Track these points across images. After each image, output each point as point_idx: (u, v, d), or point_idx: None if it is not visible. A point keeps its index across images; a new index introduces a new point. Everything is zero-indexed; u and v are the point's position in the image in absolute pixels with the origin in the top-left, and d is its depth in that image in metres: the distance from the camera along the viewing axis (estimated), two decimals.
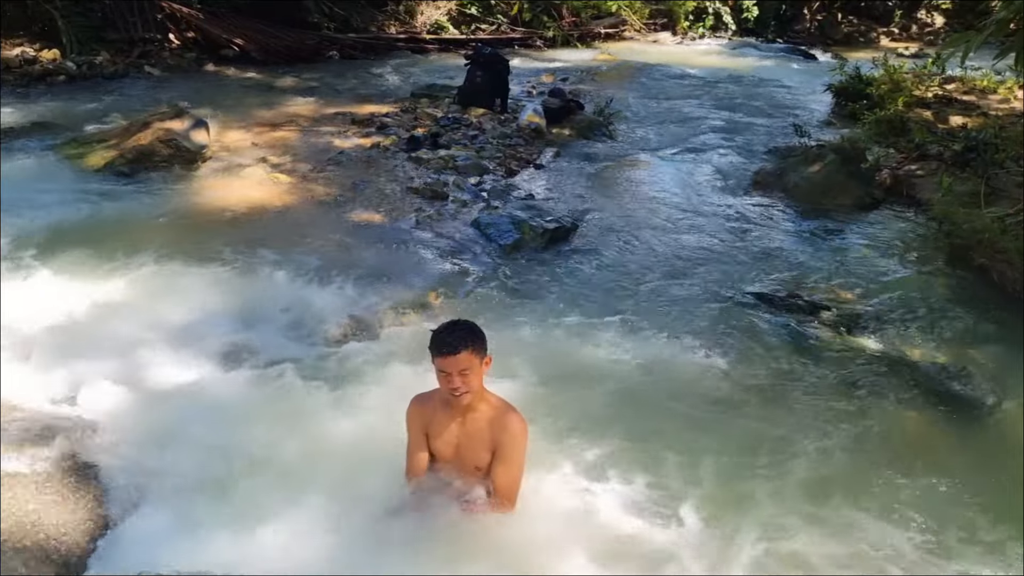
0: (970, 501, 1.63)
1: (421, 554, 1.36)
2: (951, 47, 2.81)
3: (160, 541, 1.41)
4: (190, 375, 1.95)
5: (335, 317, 2.29)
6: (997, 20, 2.36)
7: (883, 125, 4.26)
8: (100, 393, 1.83)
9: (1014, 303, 2.52)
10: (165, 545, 1.40)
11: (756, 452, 1.78)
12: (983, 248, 2.73)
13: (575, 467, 1.64)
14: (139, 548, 1.40)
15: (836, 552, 1.47)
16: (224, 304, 2.32)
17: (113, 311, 2.20)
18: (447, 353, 1.32)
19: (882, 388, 2.06)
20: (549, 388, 1.85)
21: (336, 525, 1.45)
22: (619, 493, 1.59)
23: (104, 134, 3.79)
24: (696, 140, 4.57)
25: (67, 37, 5.32)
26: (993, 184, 3.18)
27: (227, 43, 6.09)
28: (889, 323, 2.41)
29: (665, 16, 9.11)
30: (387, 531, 1.42)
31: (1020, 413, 1.95)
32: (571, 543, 1.44)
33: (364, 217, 3.19)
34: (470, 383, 1.35)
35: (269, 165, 3.73)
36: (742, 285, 2.69)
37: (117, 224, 2.89)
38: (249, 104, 4.84)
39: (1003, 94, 4.79)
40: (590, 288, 2.64)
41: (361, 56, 6.62)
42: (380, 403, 1.78)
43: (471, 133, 4.40)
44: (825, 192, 3.52)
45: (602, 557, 1.42)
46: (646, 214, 3.39)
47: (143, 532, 1.45)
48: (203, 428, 1.71)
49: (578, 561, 1.40)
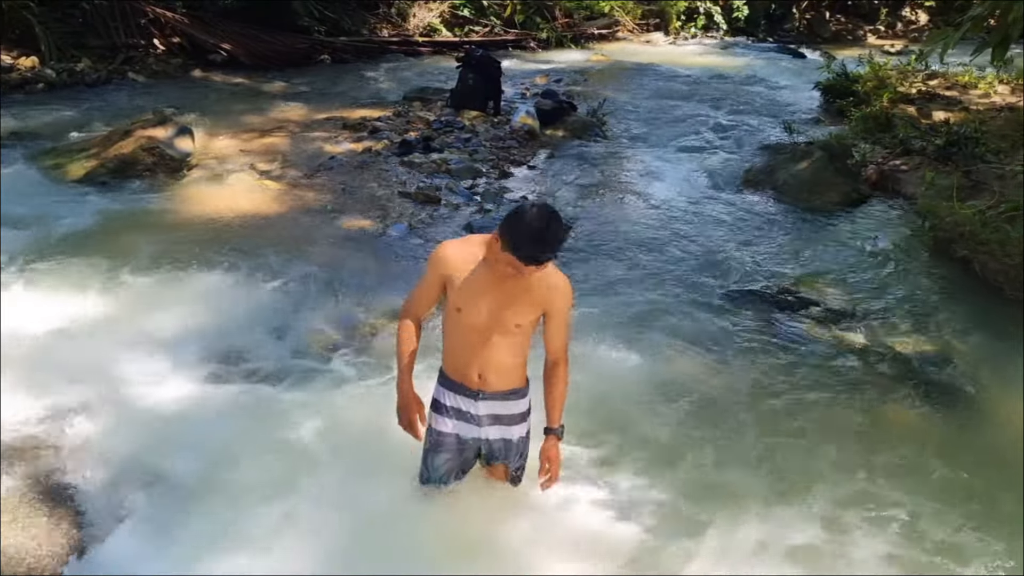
0: (955, 490, 1.66)
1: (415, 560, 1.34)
2: (931, 44, 2.88)
3: (138, 563, 1.38)
4: (173, 390, 1.91)
5: (325, 326, 2.27)
6: (973, 17, 2.39)
7: (869, 121, 4.31)
8: (78, 410, 1.79)
9: (995, 294, 2.58)
10: (144, 567, 1.37)
11: (745, 448, 1.80)
12: (965, 241, 2.78)
13: (566, 469, 1.63)
14: (116, 571, 1.37)
15: (824, 547, 1.49)
16: (210, 316, 2.29)
17: (92, 325, 2.16)
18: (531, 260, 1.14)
19: (869, 380, 2.10)
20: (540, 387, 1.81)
21: (325, 537, 1.43)
22: (610, 493, 1.60)
23: (85, 143, 3.71)
24: (688, 139, 4.60)
25: (46, 44, 5.18)
26: (975, 177, 3.25)
27: (214, 48, 6.00)
28: (875, 317, 2.46)
29: (657, 16, 9.15)
30: (379, 537, 1.40)
31: (1001, 402, 1.99)
32: (562, 543, 1.44)
33: (356, 223, 3.16)
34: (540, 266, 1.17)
35: (258, 172, 3.68)
36: (733, 282, 2.72)
37: (97, 236, 2.83)
38: (237, 110, 4.78)
39: (984, 89, 4.86)
40: (583, 288, 2.64)
41: (353, 59, 6.54)
42: (371, 413, 1.76)
43: (464, 136, 4.38)
44: (813, 189, 3.56)
45: (592, 557, 1.43)
46: (638, 214, 3.41)
47: (120, 555, 1.41)
48: (186, 445, 1.69)
49: (569, 561, 1.41)
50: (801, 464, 1.72)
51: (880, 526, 1.53)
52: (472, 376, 1.35)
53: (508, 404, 1.39)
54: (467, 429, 1.40)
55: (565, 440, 1.45)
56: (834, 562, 1.45)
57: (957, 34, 2.33)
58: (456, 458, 1.43)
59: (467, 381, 1.36)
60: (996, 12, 2.40)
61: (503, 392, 1.37)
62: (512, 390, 1.38)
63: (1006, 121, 4.05)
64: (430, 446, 1.44)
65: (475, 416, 1.38)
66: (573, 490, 1.57)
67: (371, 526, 1.43)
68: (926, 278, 2.76)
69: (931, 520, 1.55)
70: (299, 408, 1.84)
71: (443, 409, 1.41)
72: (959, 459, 1.76)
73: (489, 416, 1.39)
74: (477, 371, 1.34)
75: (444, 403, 1.41)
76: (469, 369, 1.35)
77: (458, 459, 1.44)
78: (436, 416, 1.42)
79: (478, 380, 1.35)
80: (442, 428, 1.42)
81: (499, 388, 1.37)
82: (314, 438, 1.71)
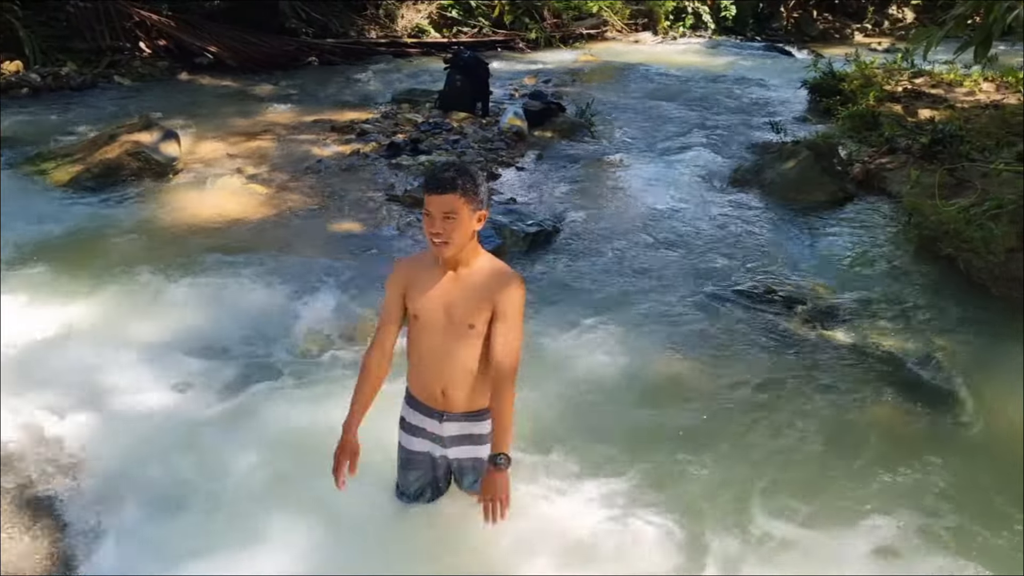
0: (942, 489, 1.67)
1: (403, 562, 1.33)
2: (915, 42, 2.89)
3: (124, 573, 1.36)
4: (160, 397, 1.89)
5: (313, 330, 2.26)
6: (955, 16, 2.41)
7: (856, 120, 4.34)
8: (61, 418, 1.77)
9: (980, 292, 2.59)
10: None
11: (732, 448, 1.80)
12: (949, 239, 2.79)
13: (554, 470, 1.64)
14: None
15: (811, 546, 1.49)
16: (196, 322, 2.27)
17: (77, 332, 2.14)
18: (432, 190, 1.19)
19: (855, 379, 2.11)
20: (530, 390, 1.82)
21: (315, 542, 1.42)
22: (597, 494, 1.59)
23: (69, 148, 3.68)
24: (677, 139, 4.61)
25: (30, 47, 5.13)
26: (959, 175, 3.25)
27: (200, 50, 5.94)
28: (861, 315, 2.47)
29: (646, 16, 9.18)
30: (368, 538, 1.39)
31: (985, 399, 2.01)
32: (551, 544, 1.43)
33: (344, 227, 3.14)
34: (452, 232, 1.19)
35: (245, 176, 3.65)
36: (721, 282, 2.72)
37: (82, 242, 2.80)
38: (224, 113, 4.74)
39: (968, 86, 4.90)
40: (571, 291, 2.65)
41: (341, 61, 6.49)
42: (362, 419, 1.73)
43: (452, 138, 4.36)
44: (800, 188, 3.58)
45: (581, 559, 1.42)
46: (627, 214, 3.41)
47: (105, 566, 1.39)
48: (173, 452, 1.67)
49: (560, 562, 1.40)
50: (785, 462, 1.73)
51: (862, 523, 1.54)
52: (436, 393, 1.32)
53: (474, 424, 1.35)
54: (435, 448, 1.38)
55: (544, 439, 1.44)
56: (820, 561, 1.45)
57: (941, 32, 2.34)
58: (428, 475, 1.42)
59: (431, 401, 1.34)
60: (979, 10, 2.43)
61: (468, 413, 1.33)
62: (478, 411, 1.33)
63: (990, 119, 4.08)
64: (401, 463, 1.44)
65: (440, 437, 1.36)
66: (553, 492, 1.56)
67: (358, 533, 1.42)
68: (911, 276, 2.76)
69: (911, 513, 1.55)
70: (287, 414, 1.82)
71: (409, 428, 1.39)
72: (944, 455, 1.77)
73: (455, 437, 1.35)
74: (440, 387, 1.31)
75: (410, 422, 1.39)
76: (432, 385, 1.32)
77: (430, 475, 1.42)
78: (403, 434, 1.41)
79: (442, 398, 1.32)
80: (410, 447, 1.40)
81: (464, 408, 1.33)
82: (301, 445, 1.68)
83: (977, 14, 2.47)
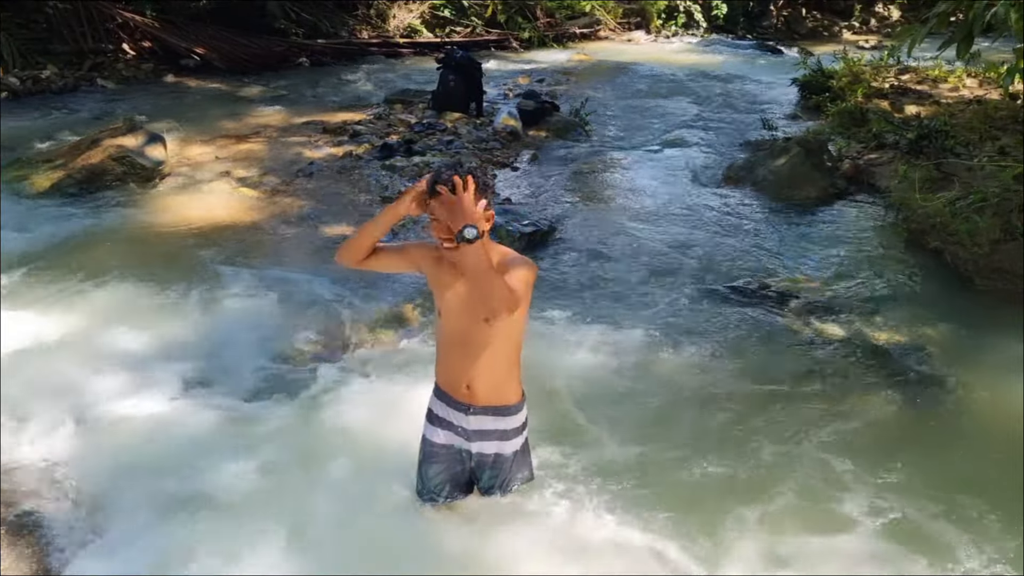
0: (935, 479, 1.69)
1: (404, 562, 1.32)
2: (899, 40, 2.91)
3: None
4: (147, 407, 1.86)
5: (306, 337, 2.23)
6: (938, 13, 2.43)
7: (845, 116, 4.38)
8: (48, 430, 1.73)
9: (966, 284, 2.63)
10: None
11: (727, 443, 1.81)
12: (936, 232, 2.84)
13: (556, 468, 1.63)
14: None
15: (809, 543, 1.50)
16: (185, 329, 2.24)
17: (61, 343, 2.09)
18: (438, 193, 1.18)
19: (848, 372, 2.14)
20: (528, 388, 1.81)
21: (312, 554, 1.40)
22: (599, 492, 1.59)
23: (51, 154, 3.60)
24: (670, 137, 4.63)
25: (8, 51, 5.02)
26: (945, 170, 3.30)
27: (187, 52, 5.85)
28: (853, 309, 2.50)
29: (638, 15, 9.23)
30: (368, 553, 1.38)
31: (972, 389, 2.04)
32: (553, 543, 1.43)
33: (336, 230, 3.11)
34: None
35: (234, 179, 3.60)
36: (715, 278, 2.74)
37: (65, 250, 2.73)
38: (212, 115, 4.67)
39: (952, 83, 4.97)
40: (567, 290, 2.65)
41: (333, 62, 6.45)
42: (354, 422, 1.73)
43: (446, 138, 4.34)
44: (791, 184, 3.62)
45: (582, 559, 1.41)
46: (621, 213, 3.42)
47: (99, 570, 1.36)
48: (163, 463, 1.64)
49: (562, 562, 1.40)
50: (779, 457, 1.74)
51: (865, 518, 1.55)
52: (461, 387, 1.33)
53: (500, 420, 1.36)
54: (459, 441, 1.39)
55: (544, 439, 1.42)
56: (818, 558, 1.46)
57: (924, 30, 2.38)
58: (450, 469, 1.41)
59: (457, 393, 1.35)
60: (960, 8, 2.46)
61: (494, 407, 1.35)
62: (504, 407, 1.35)
63: (974, 114, 4.15)
64: (423, 457, 1.43)
65: (465, 431, 1.36)
66: (554, 490, 1.55)
67: (358, 533, 1.41)
68: (901, 269, 2.81)
69: (902, 505, 1.57)
70: (281, 421, 1.80)
71: (436, 420, 1.40)
72: (938, 446, 1.81)
73: (480, 431, 1.36)
74: (465, 381, 1.32)
75: (437, 414, 1.40)
76: (457, 379, 1.34)
77: (452, 470, 1.42)
78: (429, 426, 1.41)
79: (467, 391, 1.33)
80: (434, 439, 1.40)
81: (490, 402, 1.34)
82: (298, 452, 1.67)
83: (958, 11, 2.49)
